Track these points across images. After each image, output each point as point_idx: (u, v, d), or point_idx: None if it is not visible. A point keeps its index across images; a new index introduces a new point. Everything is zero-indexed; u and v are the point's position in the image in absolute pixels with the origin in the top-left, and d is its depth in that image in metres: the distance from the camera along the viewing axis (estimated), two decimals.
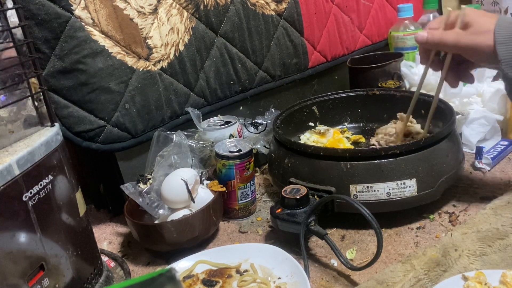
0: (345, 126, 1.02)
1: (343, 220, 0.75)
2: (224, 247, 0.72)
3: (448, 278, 0.58)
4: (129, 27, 0.81)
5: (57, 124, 0.58)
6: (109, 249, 0.79)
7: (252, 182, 0.83)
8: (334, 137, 0.95)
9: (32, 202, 0.51)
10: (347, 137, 0.97)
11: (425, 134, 0.83)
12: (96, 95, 0.78)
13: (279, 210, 0.71)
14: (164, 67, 0.86)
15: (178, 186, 0.74)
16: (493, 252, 0.63)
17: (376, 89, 0.99)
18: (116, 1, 0.79)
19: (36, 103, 0.58)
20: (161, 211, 0.75)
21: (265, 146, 0.94)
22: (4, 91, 0.54)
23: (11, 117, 0.55)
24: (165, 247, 0.74)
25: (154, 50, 0.85)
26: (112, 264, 0.73)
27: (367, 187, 0.71)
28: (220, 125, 0.90)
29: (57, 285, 0.55)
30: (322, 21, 1.14)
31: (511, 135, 0.95)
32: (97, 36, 0.77)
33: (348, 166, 0.72)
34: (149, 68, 0.84)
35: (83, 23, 0.76)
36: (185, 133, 0.85)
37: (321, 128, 0.98)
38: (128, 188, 0.75)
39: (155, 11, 0.84)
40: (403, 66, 1.10)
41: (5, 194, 0.48)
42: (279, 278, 0.64)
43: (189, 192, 0.74)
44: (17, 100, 0.55)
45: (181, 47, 0.88)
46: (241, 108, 1.03)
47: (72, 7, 0.74)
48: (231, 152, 0.80)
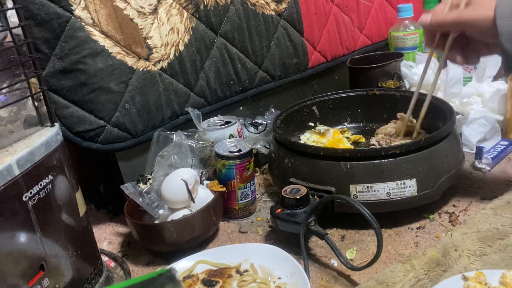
0: (345, 126, 1.02)
1: (343, 220, 0.75)
2: (224, 247, 0.72)
3: (448, 278, 0.58)
4: (129, 27, 0.81)
5: (57, 124, 0.58)
6: (109, 249, 0.79)
7: (252, 182, 0.83)
8: (334, 137, 0.95)
9: (32, 202, 0.51)
10: (347, 137, 0.97)
11: (419, 127, 0.83)
12: (96, 95, 0.78)
13: (279, 210, 0.71)
14: (164, 67, 0.86)
15: (178, 186, 0.74)
16: (493, 252, 0.63)
17: (376, 89, 0.99)
18: (116, 1, 0.79)
19: (36, 103, 0.57)
20: (161, 211, 0.75)
21: (265, 146, 0.94)
22: (4, 91, 0.54)
23: (11, 117, 0.55)
24: (165, 247, 0.74)
25: (154, 50, 0.85)
26: (112, 264, 0.73)
27: (367, 187, 0.71)
28: (220, 125, 0.90)
29: (57, 285, 0.55)
30: (322, 21, 1.14)
31: (511, 135, 0.95)
32: (97, 36, 0.77)
33: (348, 166, 0.72)
34: (149, 68, 0.84)
35: (83, 23, 0.76)
36: (185, 133, 0.85)
37: (321, 128, 0.98)
38: (128, 188, 0.75)
39: (155, 11, 0.84)
40: (403, 66, 1.10)
41: (5, 194, 0.48)
42: (279, 278, 0.64)
43: (189, 192, 0.74)
44: (17, 100, 0.55)
45: (181, 47, 0.89)
46: (241, 108, 1.03)
47: (72, 7, 0.74)
48: (231, 152, 0.80)
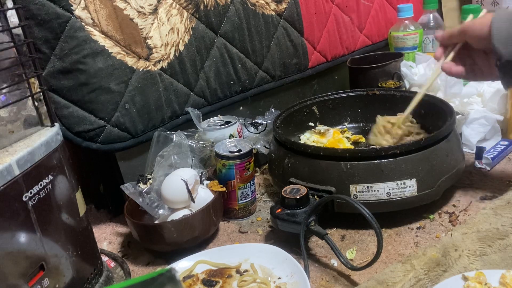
0: (345, 126, 1.02)
1: (343, 220, 0.75)
2: (224, 247, 0.72)
3: (448, 278, 0.58)
4: (129, 27, 0.81)
5: (57, 124, 0.58)
6: (109, 249, 0.79)
7: (252, 182, 0.83)
8: (334, 137, 0.95)
9: (32, 202, 0.51)
10: (347, 137, 0.97)
11: (407, 117, 0.83)
12: (96, 95, 0.78)
13: (279, 210, 0.71)
14: (164, 67, 0.86)
15: (178, 186, 0.74)
16: (493, 252, 0.63)
17: (376, 89, 0.99)
18: (116, 1, 0.79)
19: (36, 103, 0.57)
20: (161, 211, 0.75)
21: (265, 146, 0.94)
22: (4, 91, 0.54)
23: (11, 117, 0.55)
24: (165, 247, 0.74)
25: (154, 50, 0.85)
26: (112, 264, 0.73)
27: (367, 187, 0.71)
28: (220, 125, 0.90)
29: (57, 285, 0.55)
30: (322, 21, 1.14)
31: (511, 135, 0.95)
32: (97, 36, 0.77)
33: (348, 166, 0.72)
34: (149, 68, 0.84)
35: (83, 23, 0.76)
36: (185, 133, 0.85)
37: (321, 128, 0.98)
38: (128, 188, 0.75)
39: (155, 11, 0.84)
40: (403, 66, 1.09)
41: (5, 194, 0.48)
42: (279, 278, 0.64)
43: (189, 192, 0.74)
44: (17, 100, 0.55)
45: (181, 47, 0.88)
46: (241, 108, 1.03)
47: (72, 7, 0.74)
48: (231, 152, 0.80)
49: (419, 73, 1.08)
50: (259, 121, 0.97)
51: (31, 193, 0.51)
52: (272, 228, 0.78)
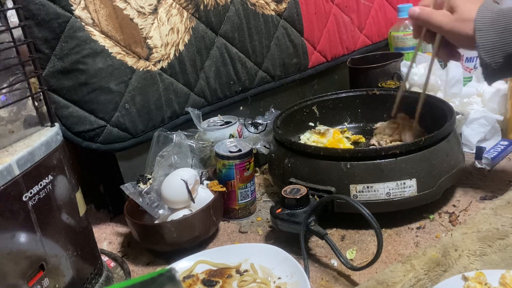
0: (345, 126, 1.02)
1: (343, 220, 0.75)
2: (224, 247, 0.72)
3: (448, 278, 0.58)
4: (129, 27, 0.81)
5: (57, 124, 0.58)
6: (109, 249, 0.79)
7: (252, 182, 0.83)
8: (334, 137, 0.95)
9: (32, 202, 0.51)
10: (347, 137, 0.97)
11: (416, 126, 0.83)
12: (96, 95, 0.78)
13: (279, 210, 0.71)
14: (164, 67, 0.86)
15: (178, 186, 0.74)
16: (493, 252, 0.63)
17: (376, 89, 0.99)
18: (116, 1, 0.79)
19: (36, 103, 0.57)
20: (161, 211, 0.75)
21: (265, 146, 0.94)
22: (4, 91, 0.54)
23: (11, 117, 0.55)
24: (165, 247, 0.74)
25: (154, 50, 0.85)
26: (112, 264, 0.73)
27: (367, 187, 0.71)
28: (220, 125, 0.90)
29: (57, 285, 0.55)
30: (322, 21, 1.14)
31: (511, 135, 0.95)
32: (97, 36, 0.77)
33: (348, 166, 0.72)
34: (149, 68, 0.84)
35: (83, 23, 0.76)
36: (185, 133, 0.85)
37: (321, 128, 0.98)
38: (128, 188, 0.75)
39: (155, 11, 0.84)
40: (403, 66, 1.09)
41: (5, 194, 0.48)
42: (279, 278, 0.64)
43: (189, 192, 0.74)
44: (17, 100, 0.55)
45: (181, 47, 0.88)
46: (241, 108, 1.03)
47: (72, 7, 0.74)
48: (231, 152, 0.80)
49: (419, 73, 1.08)
50: (259, 121, 0.97)
51: (31, 193, 0.51)
52: (272, 228, 0.78)
